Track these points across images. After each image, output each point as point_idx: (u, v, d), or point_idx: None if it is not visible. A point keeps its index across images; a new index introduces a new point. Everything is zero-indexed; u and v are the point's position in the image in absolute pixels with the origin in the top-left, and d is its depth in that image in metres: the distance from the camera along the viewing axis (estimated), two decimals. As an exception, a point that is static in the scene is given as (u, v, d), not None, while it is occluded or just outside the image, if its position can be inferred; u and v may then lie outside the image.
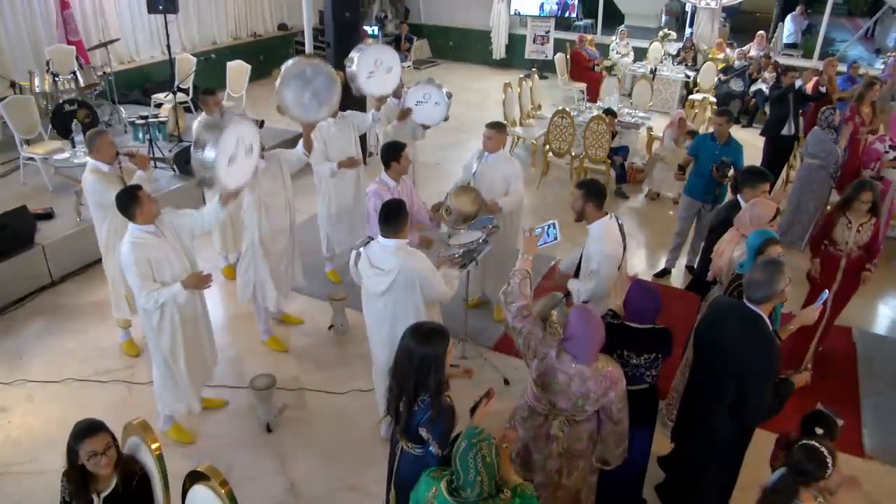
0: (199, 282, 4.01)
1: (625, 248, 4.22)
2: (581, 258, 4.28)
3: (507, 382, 5.10)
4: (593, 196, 4.09)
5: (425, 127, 6.55)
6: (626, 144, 8.86)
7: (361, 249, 3.96)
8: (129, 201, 3.87)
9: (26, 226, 6.09)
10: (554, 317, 4.32)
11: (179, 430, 4.54)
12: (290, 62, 4.77)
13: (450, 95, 6.39)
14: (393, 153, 4.98)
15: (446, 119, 6.48)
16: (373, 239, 3.98)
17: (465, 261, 4.59)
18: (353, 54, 5.82)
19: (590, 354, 3.08)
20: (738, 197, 4.83)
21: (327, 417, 4.81)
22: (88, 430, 2.79)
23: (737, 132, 6.58)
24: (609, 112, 8.57)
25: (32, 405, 4.87)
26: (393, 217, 3.82)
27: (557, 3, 14.01)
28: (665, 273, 6.81)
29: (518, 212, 5.72)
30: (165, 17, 8.98)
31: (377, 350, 4.19)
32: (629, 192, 8.71)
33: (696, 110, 9.65)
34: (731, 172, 5.88)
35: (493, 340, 5.56)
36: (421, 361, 2.88)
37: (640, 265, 6.97)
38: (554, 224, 3.77)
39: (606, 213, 4.15)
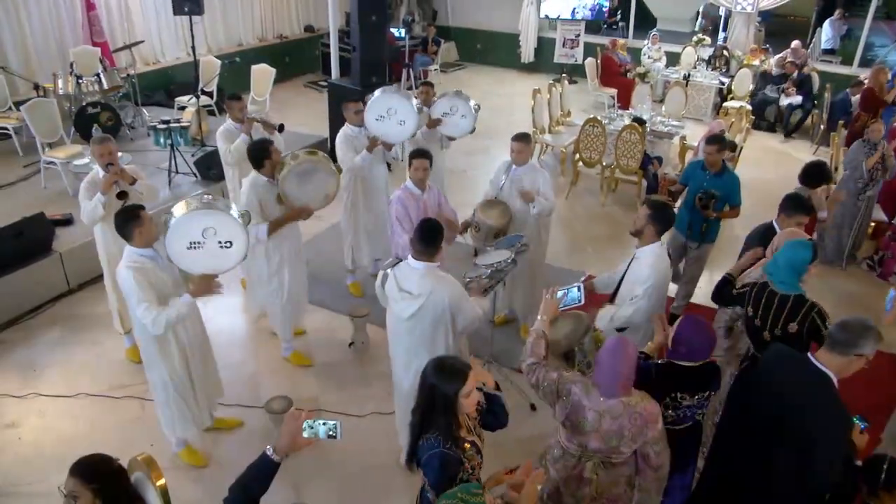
0: (207, 286, 3.77)
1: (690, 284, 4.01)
2: (622, 281, 4.04)
3: (533, 408, 4.87)
4: (660, 222, 3.90)
5: (450, 138, 6.43)
6: (659, 154, 8.56)
7: (389, 270, 3.75)
8: (128, 221, 3.69)
9: (43, 233, 5.99)
10: (585, 345, 4.10)
11: (192, 453, 4.36)
12: (294, 162, 4.74)
13: (477, 108, 6.20)
14: (410, 157, 4.88)
15: (472, 131, 6.31)
16: (401, 259, 3.76)
17: (493, 281, 4.36)
18: (373, 93, 5.72)
19: (615, 388, 2.86)
20: (774, 222, 4.59)
21: (345, 441, 4.52)
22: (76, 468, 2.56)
23: (771, 143, 6.24)
24: (638, 121, 8.30)
25: (44, 421, 4.73)
26: (428, 238, 3.58)
27: (591, 10, 13.72)
28: None
29: (547, 225, 5.49)
30: (191, 18, 8.89)
31: (400, 375, 3.98)
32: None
33: (733, 119, 9.32)
34: (726, 207, 5.41)
35: (520, 362, 5.31)
36: (444, 397, 2.66)
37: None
38: (579, 286, 3.55)
39: (660, 240, 3.95)
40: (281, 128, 5.90)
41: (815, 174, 5.21)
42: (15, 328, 5.65)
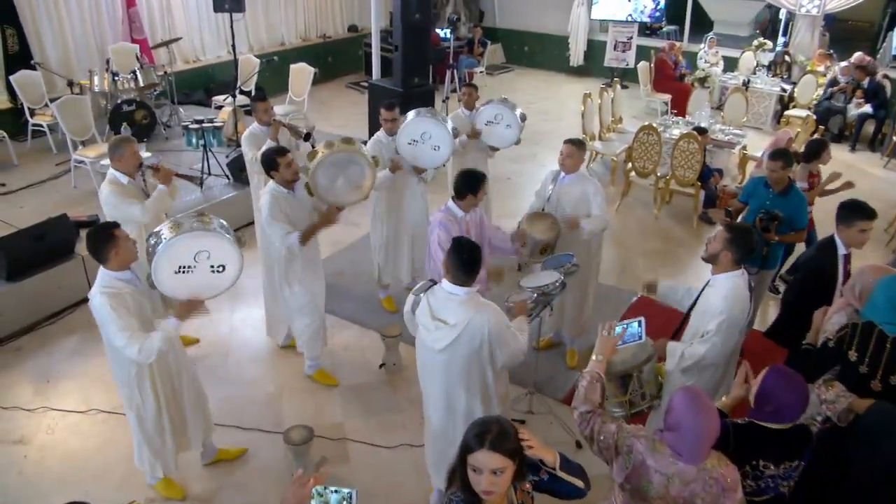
0: (194, 307, 3.44)
1: (752, 313, 3.48)
2: (692, 309, 3.55)
3: (579, 446, 4.39)
4: (738, 248, 3.40)
5: (493, 149, 6.01)
6: (719, 166, 7.98)
7: (422, 295, 3.32)
8: (103, 242, 3.30)
9: (66, 235, 5.72)
10: (644, 374, 3.64)
11: (169, 486, 3.94)
12: (329, 150, 4.45)
13: (524, 118, 5.76)
14: (472, 185, 4.18)
15: (518, 142, 5.88)
16: (435, 283, 3.33)
17: (539, 307, 3.91)
18: (408, 114, 5.32)
19: (700, 454, 2.38)
20: (835, 235, 4.09)
21: (370, 476, 4.17)
22: None
23: (839, 155, 5.69)
24: (699, 130, 7.73)
25: (52, 438, 4.42)
26: (467, 262, 3.13)
27: (650, 16, 13.12)
28: None
29: (598, 240, 4.98)
30: (231, 16, 8.63)
31: (430, 410, 3.54)
32: (717, 217, 7.81)
33: (798, 129, 8.67)
34: (791, 231, 4.85)
35: (565, 392, 4.84)
36: (460, 456, 2.19)
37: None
38: (640, 321, 3.06)
39: (740, 268, 3.45)
40: (307, 136, 5.53)
41: (815, 148, 5.63)
42: (32, 335, 5.40)
